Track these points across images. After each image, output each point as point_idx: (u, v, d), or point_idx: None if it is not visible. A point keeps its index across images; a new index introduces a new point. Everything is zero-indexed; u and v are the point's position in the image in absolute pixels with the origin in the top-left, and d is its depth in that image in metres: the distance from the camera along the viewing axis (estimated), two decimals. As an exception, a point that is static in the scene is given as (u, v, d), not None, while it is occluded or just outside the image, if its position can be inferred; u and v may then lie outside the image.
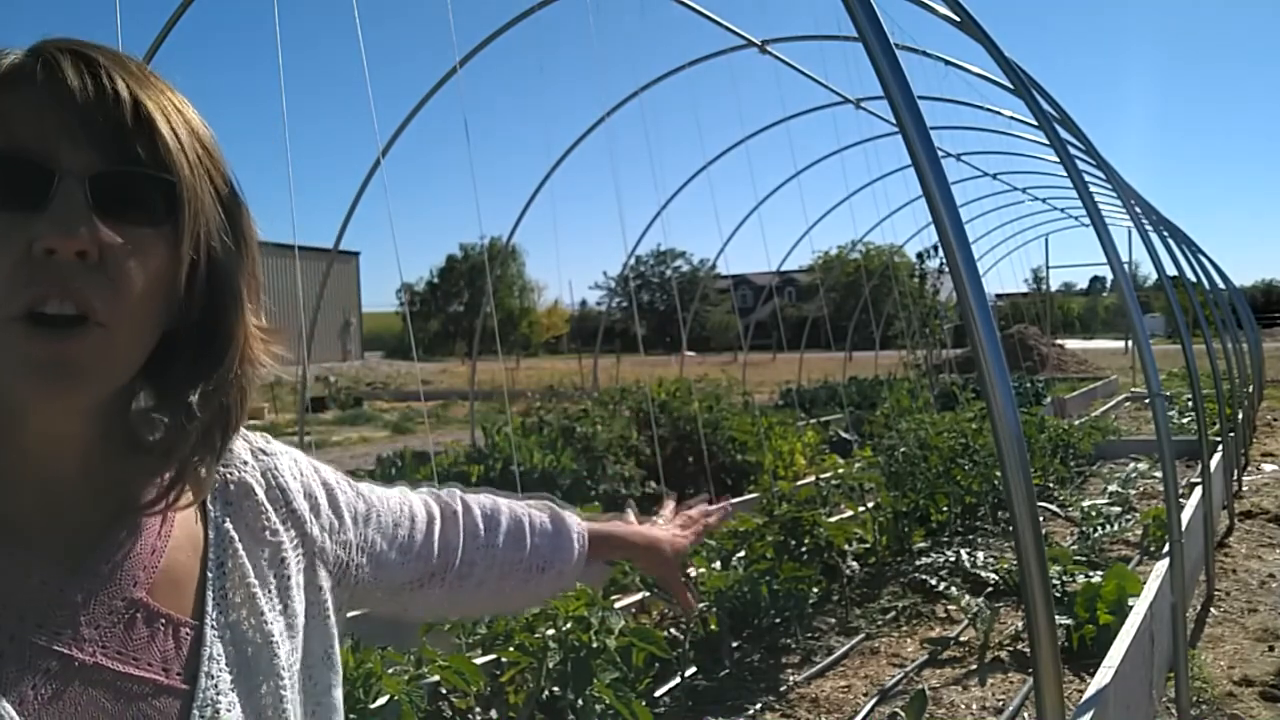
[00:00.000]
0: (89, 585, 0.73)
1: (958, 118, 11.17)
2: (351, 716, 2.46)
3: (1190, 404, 9.67)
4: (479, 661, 3.02)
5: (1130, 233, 19.16)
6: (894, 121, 1.76)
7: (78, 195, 0.67)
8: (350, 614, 0.99)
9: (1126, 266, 4.76)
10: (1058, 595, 4.61)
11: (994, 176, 15.30)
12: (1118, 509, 6.92)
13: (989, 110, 10.06)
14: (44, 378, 0.67)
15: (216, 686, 0.75)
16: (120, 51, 0.73)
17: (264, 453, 0.90)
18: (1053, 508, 7.29)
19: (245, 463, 0.87)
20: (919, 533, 6.05)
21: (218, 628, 0.78)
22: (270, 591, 0.83)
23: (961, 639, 4.64)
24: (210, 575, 0.80)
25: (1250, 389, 12.19)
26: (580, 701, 2.98)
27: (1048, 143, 4.89)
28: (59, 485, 0.74)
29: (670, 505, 1.48)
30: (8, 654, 0.68)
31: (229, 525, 0.83)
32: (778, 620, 4.58)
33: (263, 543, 0.84)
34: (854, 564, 5.28)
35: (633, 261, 14.04)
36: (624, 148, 10.37)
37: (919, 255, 19.85)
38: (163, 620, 0.75)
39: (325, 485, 0.95)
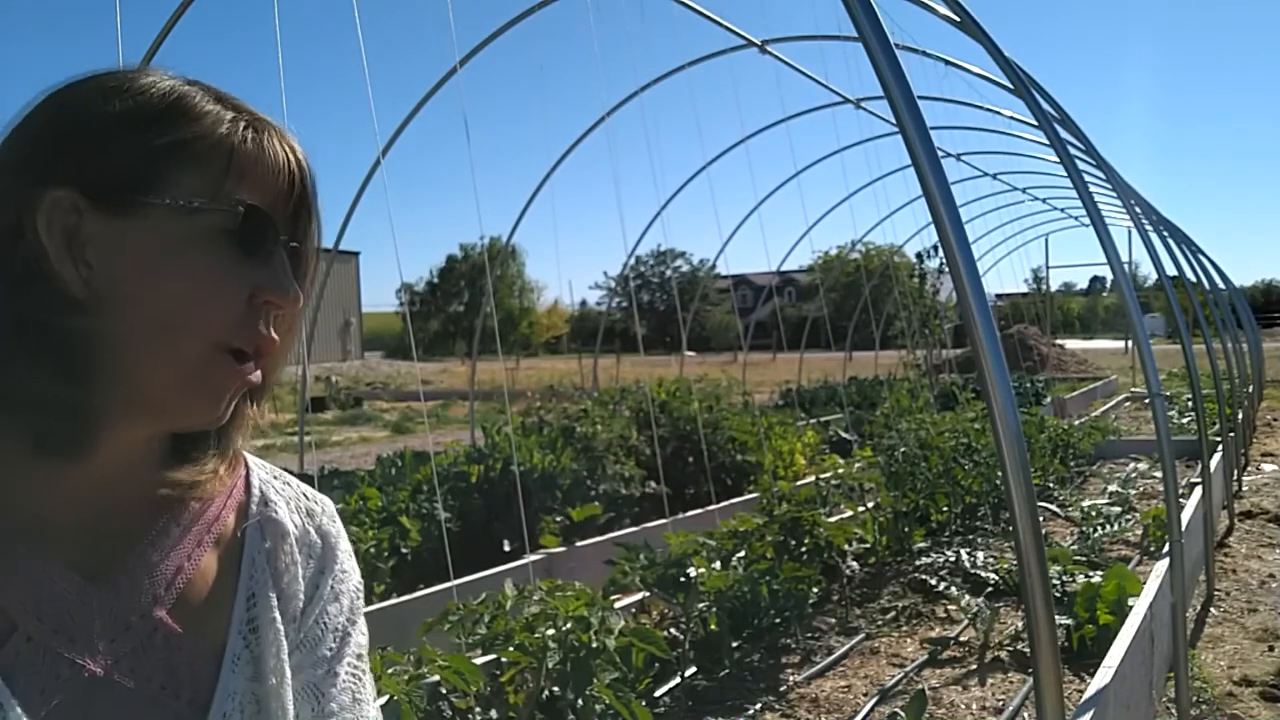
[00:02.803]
0: (106, 596, 0.73)
1: (958, 118, 11.18)
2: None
3: (1190, 404, 9.67)
4: (479, 661, 3.02)
5: (1130, 233, 19.19)
6: (894, 121, 1.76)
7: (285, 259, 0.76)
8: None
9: (1126, 266, 4.76)
10: (1058, 595, 4.61)
11: (994, 176, 15.30)
12: (1118, 509, 6.92)
13: (989, 110, 10.06)
14: (224, 407, 0.75)
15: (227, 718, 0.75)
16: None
17: (327, 517, 0.90)
18: (1053, 508, 7.30)
19: (295, 510, 0.88)
20: (919, 533, 6.05)
21: (239, 661, 0.78)
22: (284, 634, 0.82)
23: (961, 639, 4.64)
24: (238, 606, 0.80)
25: (1250, 389, 12.18)
26: (580, 701, 2.98)
27: (1048, 143, 4.89)
28: (97, 489, 0.75)
29: None
30: (23, 656, 0.68)
31: (264, 561, 0.83)
32: (778, 620, 4.57)
33: (284, 589, 0.84)
34: (854, 564, 5.28)
35: (633, 261, 14.04)
36: (624, 148, 10.38)
37: (919, 255, 19.86)
38: (179, 642, 0.76)
39: (350, 612, 0.88)
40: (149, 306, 0.70)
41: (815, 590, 4.82)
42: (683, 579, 4.17)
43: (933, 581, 5.23)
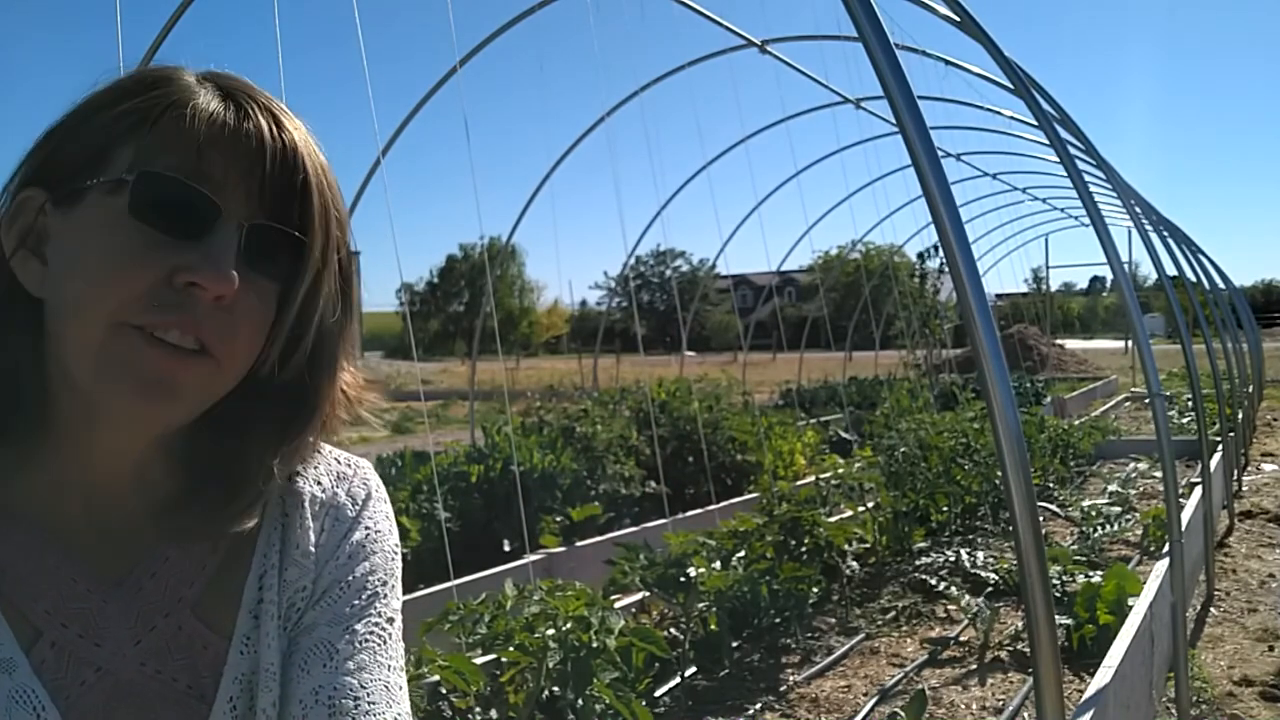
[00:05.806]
0: (131, 598, 0.73)
1: (958, 118, 11.19)
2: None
3: (1190, 404, 9.67)
4: (479, 661, 3.02)
5: (1130, 233, 19.19)
6: (894, 121, 1.76)
7: (233, 241, 0.69)
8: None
9: (1126, 266, 4.76)
10: (1058, 595, 4.61)
11: (994, 176, 15.31)
12: (1118, 509, 6.92)
13: (989, 110, 10.07)
14: (146, 394, 0.67)
15: (235, 709, 0.75)
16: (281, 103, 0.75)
17: (359, 480, 0.86)
18: (1053, 508, 7.29)
19: (325, 474, 0.84)
20: (919, 533, 6.05)
21: (248, 643, 0.77)
22: (283, 618, 0.79)
23: (961, 639, 4.64)
24: (249, 588, 0.78)
25: (1250, 389, 12.18)
26: (580, 701, 2.98)
27: (1048, 143, 4.89)
28: (111, 498, 0.74)
29: None
30: (49, 662, 0.68)
31: (278, 536, 0.80)
32: (778, 620, 4.57)
33: (295, 559, 0.80)
34: (854, 564, 5.28)
35: (633, 261, 14.04)
36: (624, 148, 10.40)
37: (919, 255, 19.84)
38: (205, 640, 0.75)
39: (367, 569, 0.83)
40: (68, 292, 0.68)
41: (815, 590, 4.82)
42: (683, 579, 4.17)
43: (933, 581, 5.23)
